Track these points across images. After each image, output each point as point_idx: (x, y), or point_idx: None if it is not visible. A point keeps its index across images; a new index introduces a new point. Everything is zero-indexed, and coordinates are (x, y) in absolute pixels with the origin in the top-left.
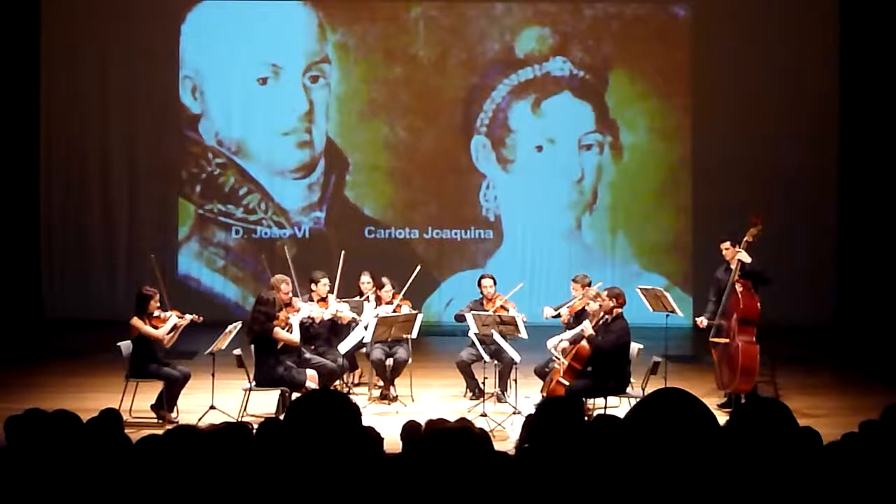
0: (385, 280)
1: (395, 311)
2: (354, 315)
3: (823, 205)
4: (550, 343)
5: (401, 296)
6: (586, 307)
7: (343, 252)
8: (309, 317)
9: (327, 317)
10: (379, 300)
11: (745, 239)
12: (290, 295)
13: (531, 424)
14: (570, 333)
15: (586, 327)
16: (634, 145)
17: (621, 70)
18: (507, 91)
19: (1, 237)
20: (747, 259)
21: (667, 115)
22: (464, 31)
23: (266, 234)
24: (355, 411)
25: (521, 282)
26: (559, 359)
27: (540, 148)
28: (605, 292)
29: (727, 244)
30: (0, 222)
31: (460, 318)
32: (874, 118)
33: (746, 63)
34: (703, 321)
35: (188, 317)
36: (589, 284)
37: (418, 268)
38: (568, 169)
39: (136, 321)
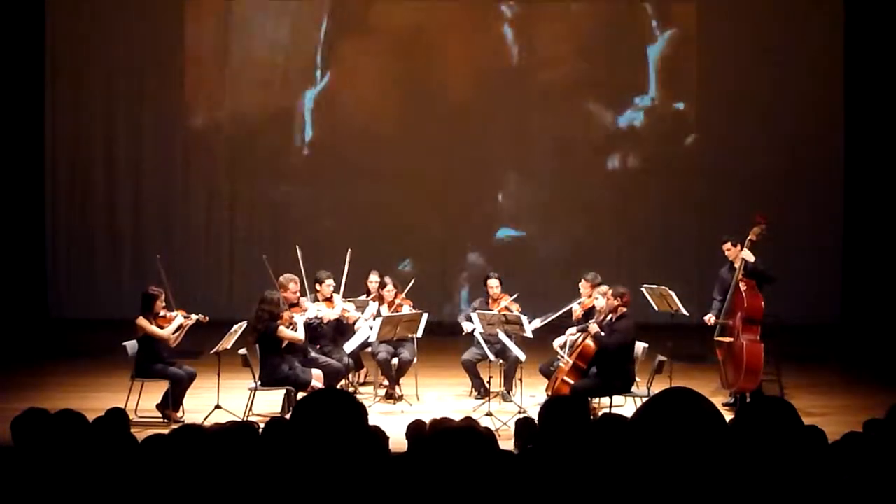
0: (388, 280)
1: (395, 310)
2: (360, 315)
3: (829, 202)
4: (557, 343)
5: (402, 295)
6: (595, 304)
7: (349, 250)
8: (316, 317)
9: (334, 316)
10: (381, 299)
11: (748, 238)
12: (298, 295)
13: (529, 426)
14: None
15: (591, 325)
16: (652, 146)
17: (639, 69)
18: (521, 92)
19: (6, 238)
20: (751, 258)
21: (684, 116)
22: (476, 29)
23: (271, 238)
24: (361, 411)
25: (516, 293)
26: (564, 358)
27: (555, 150)
28: (610, 292)
29: (728, 244)
30: (6, 223)
31: (466, 318)
32: (880, 116)
33: (751, 63)
34: (710, 318)
35: (194, 317)
36: (598, 284)
37: (412, 281)
38: (584, 172)
39: (141, 321)
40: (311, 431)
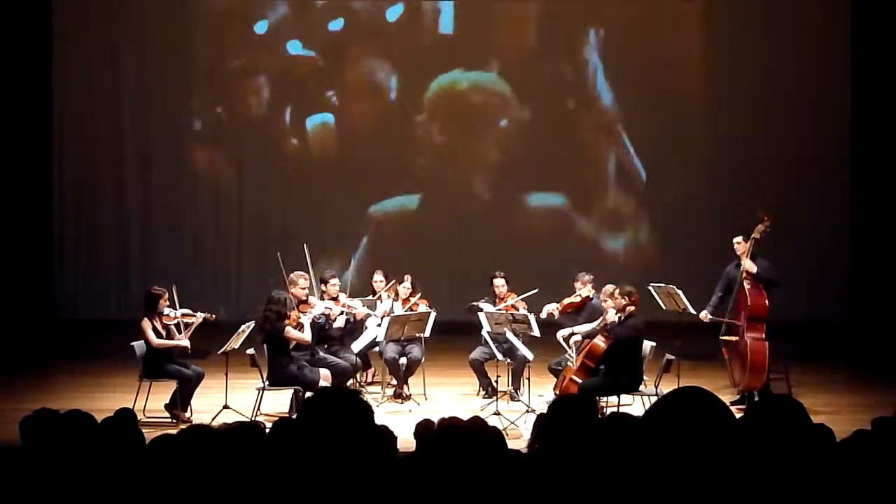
0: (406, 277)
1: (410, 309)
2: (368, 310)
3: (836, 200)
4: (561, 334)
5: (418, 295)
6: (603, 304)
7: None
8: (323, 314)
9: (339, 313)
10: (396, 295)
11: (752, 236)
12: (308, 291)
13: (543, 424)
14: (584, 327)
15: (610, 315)
16: (654, 143)
17: (639, 61)
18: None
19: (14, 237)
20: (753, 269)
21: (687, 108)
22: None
23: (280, 237)
24: (367, 409)
25: (536, 289)
26: (572, 357)
27: (558, 147)
28: (617, 291)
29: (739, 239)
30: (13, 222)
31: (474, 309)
32: (888, 114)
33: (758, 60)
34: (705, 315)
35: (200, 315)
36: (591, 281)
37: (423, 303)
38: (585, 168)
39: (144, 323)
40: (319, 430)
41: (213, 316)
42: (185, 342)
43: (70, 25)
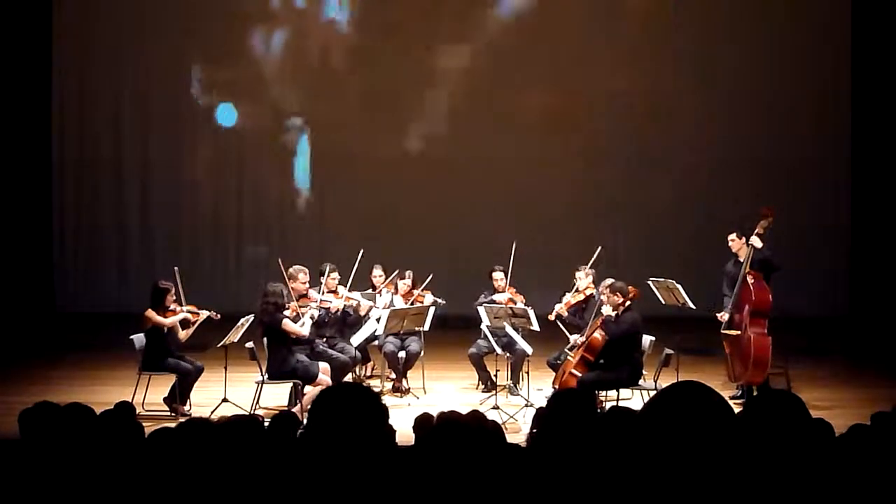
0: (407, 273)
1: (415, 301)
2: (371, 303)
3: (837, 195)
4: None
5: (420, 289)
6: (601, 298)
7: (361, 251)
8: (320, 306)
9: (339, 306)
10: (395, 290)
11: (755, 231)
12: (308, 286)
13: (542, 417)
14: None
15: (606, 309)
16: (654, 139)
17: (640, 59)
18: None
19: (14, 232)
20: (759, 244)
21: (687, 108)
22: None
23: (279, 232)
24: (382, 410)
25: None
26: (571, 350)
27: (558, 145)
28: (608, 288)
29: (733, 236)
30: (13, 217)
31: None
32: (887, 108)
33: (756, 56)
34: (724, 315)
35: (204, 312)
36: (593, 274)
37: (430, 276)
38: (583, 164)
39: (149, 312)
40: (329, 426)
41: (219, 315)
42: (188, 314)
43: (70, 25)
